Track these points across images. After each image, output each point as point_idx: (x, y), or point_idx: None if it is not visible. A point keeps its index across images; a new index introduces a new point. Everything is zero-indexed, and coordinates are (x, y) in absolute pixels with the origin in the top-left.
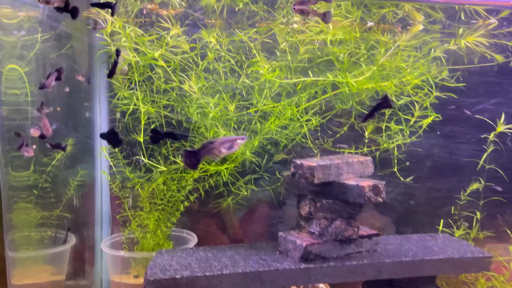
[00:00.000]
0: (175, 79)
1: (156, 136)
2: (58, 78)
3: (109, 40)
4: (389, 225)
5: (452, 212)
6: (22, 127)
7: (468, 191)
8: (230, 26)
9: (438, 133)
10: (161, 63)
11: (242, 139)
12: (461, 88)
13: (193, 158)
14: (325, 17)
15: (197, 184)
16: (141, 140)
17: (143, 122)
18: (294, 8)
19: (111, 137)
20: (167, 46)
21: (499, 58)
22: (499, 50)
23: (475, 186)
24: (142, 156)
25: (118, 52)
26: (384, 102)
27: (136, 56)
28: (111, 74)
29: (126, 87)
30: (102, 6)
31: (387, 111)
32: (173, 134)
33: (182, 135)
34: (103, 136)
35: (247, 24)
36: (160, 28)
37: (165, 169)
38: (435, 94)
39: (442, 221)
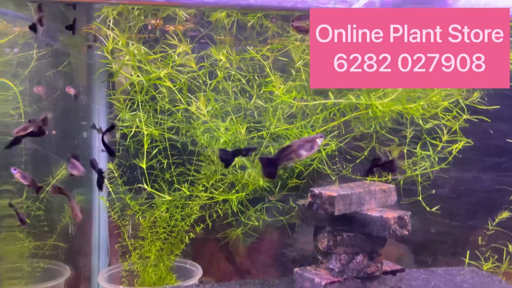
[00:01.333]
0: (183, 100)
1: (228, 157)
2: (40, 133)
3: (110, 57)
4: (408, 254)
5: (480, 243)
6: (15, 149)
7: (497, 220)
8: (240, 42)
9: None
10: (168, 83)
11: (321, 137)
12: (494, 112)
13: (271, 166)
14: None
15: (203, 212)
16: (144, 165)
17: (146, 146)
18: (292, 25)
19: (98, 176)
20: (174, 64)
21: None
22: None
23: (504, 215)
24: (144, 183)
25: (113, 127)
26: (388, 165)
27: (139, 75)
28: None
29: (127, 108)
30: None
31: (409, 134)
32: (241, 150)
33: (249, 149)
34: (93, 165)
35: (258, 40)
36: (166, 45)
37: (170, 198)
38: (465, 117)
39: (468, 252)
